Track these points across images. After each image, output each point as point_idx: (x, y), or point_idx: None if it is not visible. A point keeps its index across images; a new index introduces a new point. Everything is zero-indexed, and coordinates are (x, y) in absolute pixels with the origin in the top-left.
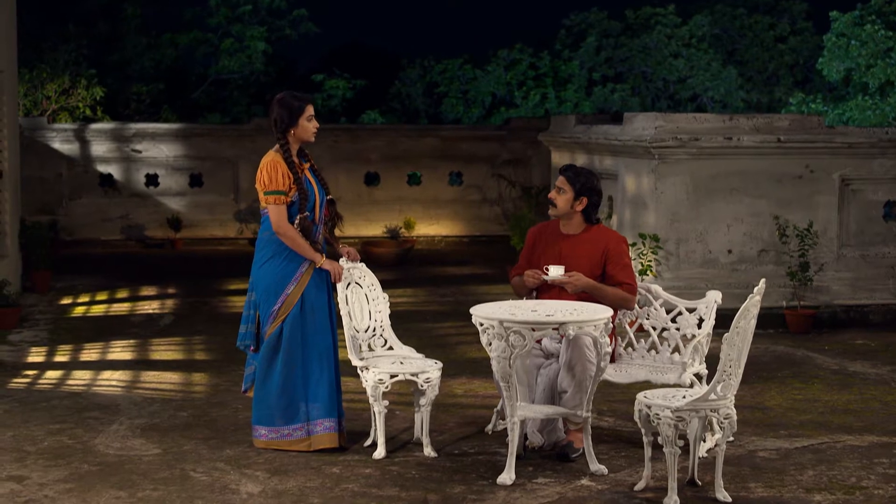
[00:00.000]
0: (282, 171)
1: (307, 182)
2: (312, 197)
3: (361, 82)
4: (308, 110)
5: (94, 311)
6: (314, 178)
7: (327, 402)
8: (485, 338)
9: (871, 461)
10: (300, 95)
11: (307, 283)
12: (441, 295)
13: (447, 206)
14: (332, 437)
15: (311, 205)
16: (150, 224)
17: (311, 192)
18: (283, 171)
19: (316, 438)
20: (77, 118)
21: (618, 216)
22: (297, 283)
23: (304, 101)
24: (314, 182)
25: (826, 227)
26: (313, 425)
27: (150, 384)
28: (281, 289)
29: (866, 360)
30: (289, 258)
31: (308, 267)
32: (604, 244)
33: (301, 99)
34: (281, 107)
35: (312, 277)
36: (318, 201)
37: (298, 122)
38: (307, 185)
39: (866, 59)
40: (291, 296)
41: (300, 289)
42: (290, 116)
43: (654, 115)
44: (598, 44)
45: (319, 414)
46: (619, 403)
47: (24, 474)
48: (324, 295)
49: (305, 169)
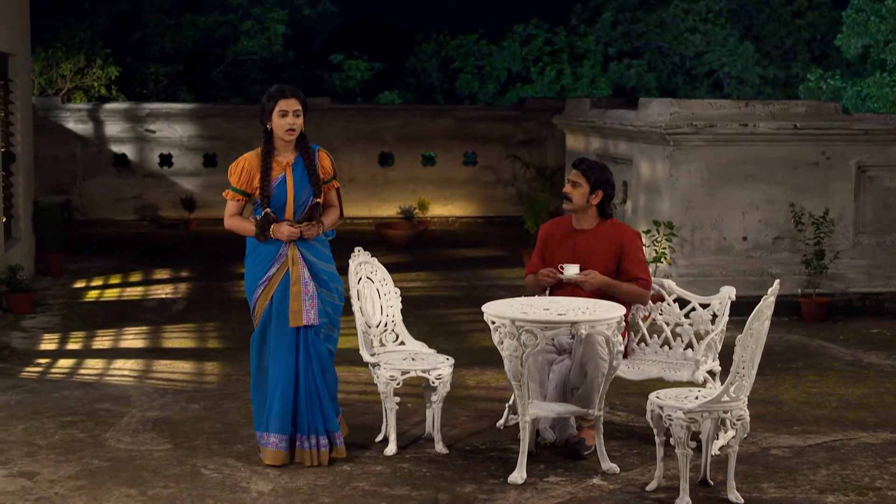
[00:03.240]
0: (246, 170)
1: (280, 185)
2: (279, 202)
3: (381, 65)
4: (280, 105)
5: (107, 295)
6: (303, 177)
7: (279, 418)
8: (496, 336)
9: (884, 460)
10: (280, 88)
11: (275, 289)
12: (455, 279)
13: (461, 187)
14: (276, 455)
15: (276, 209)
16: (164, 204)
17: (279, 197)
18: (248, 170)
19: (264, 451)
20: (92, 97)
21: (632, 202)
22: (265, 287)
23: (277, 94)
24: (292, 185)
25: (842, 214)
26: (269, 436)
27: (161, 374)
28: (251, 291)
29: (881, 351)
30: (257, 259)
31: (276, 271)
32: (619, 239)
33: (277, 92)
34: (263, 98)
35: (281, 284)
36: (293, 203)
37: (272, 116)
38: (278, 189)
39: (885, 35)
40: (261, 300)
41: (267, 294)
42: (264, 109)
43: (669, 101)
44: (615, 19)
45: (273, 427)
46: (632, 397)
47: (35, 470)
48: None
49: (289, 168)
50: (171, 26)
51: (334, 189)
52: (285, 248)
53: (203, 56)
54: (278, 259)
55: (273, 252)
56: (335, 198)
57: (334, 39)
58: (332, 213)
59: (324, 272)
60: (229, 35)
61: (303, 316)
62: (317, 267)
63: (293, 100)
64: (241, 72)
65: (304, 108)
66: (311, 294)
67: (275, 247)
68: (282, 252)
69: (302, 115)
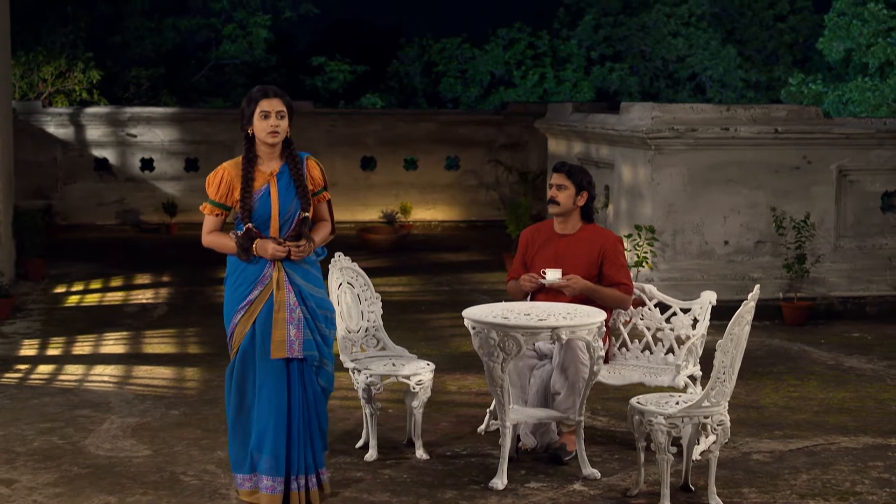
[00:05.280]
0: (226, 181)
1: (264, 197)
2: (262, 217)
3: (363, 67)
4: (261, 105)
5: (87, 300)
6: (290, 188)
7: (272, 458)
8: (476, 341)
9: (865, 464)
10: (262, 88)
11: (257, 315)
12: (437, 283)
13: (444, 191)
14: (273, 500)
15: (259, 224)
16: (146, 209)
17: (262, 210)
18: (227, 180)
19: (261, 496)
20: (74, 101)
21: (614, 206)
22: (245, 313)
23: (259, 94)
24: (277, 197)
25: (823, 218)
26: (258, 479)
27: (141, 380)
28: (229, 316)
29: (862, 355)
30: (238, 281)
31: (259, 295)
32: (600, 244)
33: (258, 92)
34: (242, 101)
35: (264, 309)
36: (278, 218)
37: (252, 119)
38: (261, 202)
39: (867, 39)
40: (240, 326)
41: (248, 320)
42: (244, 112)
43: (650, 106)
44: (597, 22)
45: (264, 469)
46: (613, 402)
47: (13, 477)
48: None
49: (273, 178)
50: (152, 29)
51: (325, 201)
52: (270, 269)
53: (184, 60)
54: (261, 281)
55: (256, 273)
56: (326, 211)
57: (316, 41)
58: (323, 229)
59: (312, 297)
60: (211, 39)
61: (286, 347)
62: (305, 291)
63: (276, 100)
64: (223, 75)
65: (289, 111)
66: (298, 322)
67: (258, 267)
68: (266, 273)
69: (287, 118)
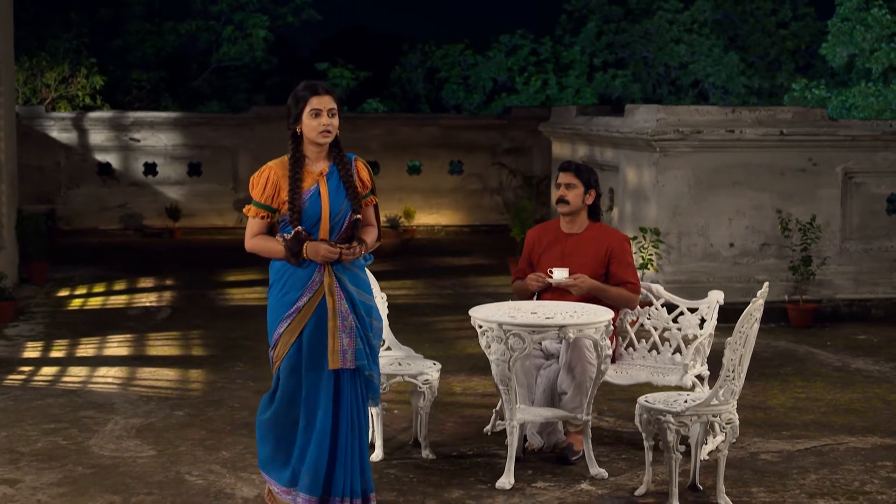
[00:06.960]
0: (272, 181)
1: (313, 197)
2: (312, 218)
3: (365, 73)
4: (311, 103)
5: (91, 303)
6: (339, 189)
7: (311, 475)
8: (483, 340)
9: (874, 464)
10: (310, 84)
11: (306, 323)
12: (441, 287)
13: (447, 196)
14: None
15: (309, 226)
16: (149, 213)
17: (312, 212)
18: (274, 181)
19: None
20: (76, 107)
21: (619, 209)
22: (293, 320)
23: (308, 91)
24: (327, 198)
25: (829, 220)
26: (296, 496)
27: (146, 381)
28: (274, 325)
29: (868, 357)
30: (285, 288)
31: (308, 301)
32: (607, 243)
33: (307, 89)
34: (289, 99)
35: (314, 317)
36: (329, 220)
37: (301, 117)
38: (311, 202)
39: (871, 44)
40: (286, 335)
41: (295, 329)
42: (291, 111)
43: (655, 108)
44: (599, 29)
45: (303, 486)
46: (621, 402)
47: (17, 477)
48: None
49: (322, 179)
50: (153, 32)
51: (372, 205)
52: (320, 274)
53: (185, 63)
54: (311, 287)
55: (305, 278)
56: (372, 215)
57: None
58: (371, 233)
59: (362, 305)
60: (212, 42)
61: (340, 357)
62: (356, 298)
63: (327, 97)
64: (225, 79)
65: (338, 108)
66: (350, 331)
67: (307, 271)
68: (315, 278)
69: (337, 116)
